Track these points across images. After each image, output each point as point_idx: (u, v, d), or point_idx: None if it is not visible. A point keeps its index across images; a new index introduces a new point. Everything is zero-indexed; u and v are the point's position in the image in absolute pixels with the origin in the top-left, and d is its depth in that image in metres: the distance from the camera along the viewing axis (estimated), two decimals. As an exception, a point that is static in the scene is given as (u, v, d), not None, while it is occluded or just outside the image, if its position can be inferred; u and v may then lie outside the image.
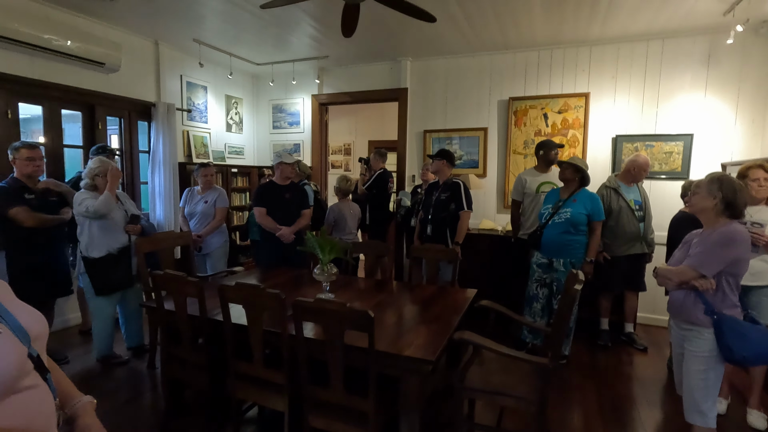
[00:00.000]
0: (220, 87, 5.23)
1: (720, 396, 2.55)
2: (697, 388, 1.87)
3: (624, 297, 3.67)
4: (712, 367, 1.84)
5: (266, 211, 3.41)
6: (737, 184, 1.85)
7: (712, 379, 1.86)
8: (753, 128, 3.75)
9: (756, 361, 1.76)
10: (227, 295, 1.98)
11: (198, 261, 3.81)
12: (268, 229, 3.41)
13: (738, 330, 1.76)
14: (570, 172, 3.11)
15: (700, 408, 1.86)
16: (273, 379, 1.98)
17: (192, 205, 3.80)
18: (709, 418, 1.86)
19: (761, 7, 3.02)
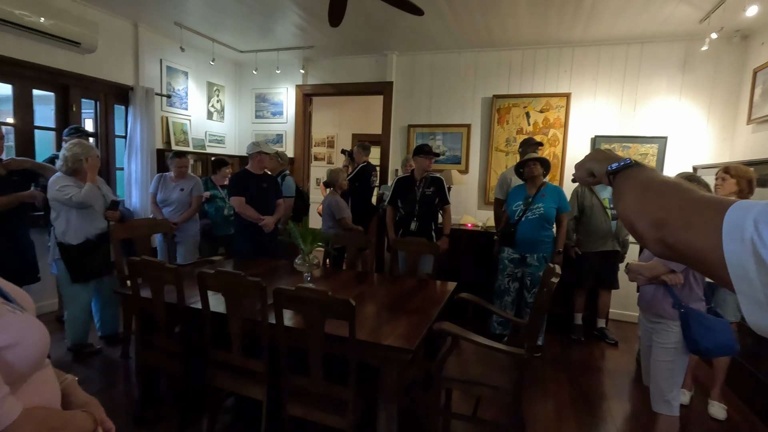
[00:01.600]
0: (202, 73, 5.11)
1: (684, 388, 2.67)
2: (664, 378, 1.95)
3: (598, 294, 3.79)
4: (678, 358, 1.92)
5: (245, 200, 3.37)
6: (703, 183, 1.93)
7: (678, 369, 1.94)
8: (723, 133, 3.90)
9: (717, 352, 1.85)
10: (207, 282, 1.95)
11: (162, 250, 3.73)
12: (249, 218, 3.36)
13: (703, 323, 1.84)
14: (538, 167, 3.21)
15: (666, 397, 1.95)
16: (252, 368, 1.97)
17: (166, 192, 3.71)
18: (673, 407, 1.94)
19: (735, 16, 3.14)
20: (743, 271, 0.40)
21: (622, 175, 0.67)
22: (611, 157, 0.72)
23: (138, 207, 4.23)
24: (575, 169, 0.83)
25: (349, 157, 5.09)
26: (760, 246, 0.38)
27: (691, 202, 0.49)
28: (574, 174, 0.85)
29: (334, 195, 4.12)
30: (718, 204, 0.44)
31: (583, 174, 0.80)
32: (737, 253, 0.40)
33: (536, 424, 2.45)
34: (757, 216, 0.39)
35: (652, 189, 0.58)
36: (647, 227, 0.54)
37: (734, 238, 0.41)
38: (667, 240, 0.51)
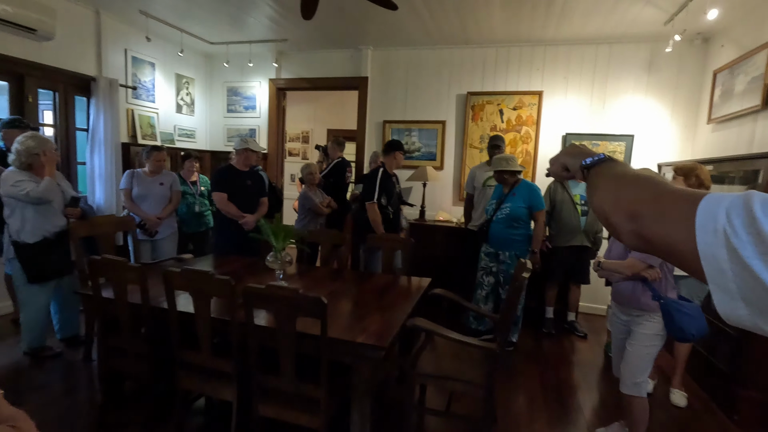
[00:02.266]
0: (170, 65, 4.93)
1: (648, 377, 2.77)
2: (638, 363, 2.03)
3: (568, 288, 3.88)
4: (657, 344, 2.01)
5: (227, 197, 3.29)
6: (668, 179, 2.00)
7: (652, 355, 2.04)
8: (686, 132, 4.06)
9: (699, 335, 1.94)
10: (173, 281, 1.88)
11: (145, 247, 3.59)
12: (231, 216, 3.29)
13: (683, 311, 1.93)
14: (509, 176, 3.24)
15: (636, 380, 2.04)
16: (221, 368, 1.92)
17: (143, 188, 3.53)
18: (642, 389, 2.04)
19: (697, 19, 3.26)
20: (716, 262, 0.40)
21: (596, 170, 0.68)
22: (585, 152, 0.73)
23: (102, 203, 4.05)
24: (550, 164, 0.84)
25: (323, 152, 5.04)
26: (732, 236, 0.39)
27: (664, 194, 0.50)
28: (548, 168, 0.86)
29: (305, 189, 4.10)
30: (691, 196, 0.45)
31: (558, 168, 0.81)
32: (710, 244, 0.41)
33: (508, 416, 2.49)
34: (728, 207, 0.40)
35: (626, 182, 0.59)
36: (621, 220, 0.55)
37: (707, 230, 0.41)
38: (642, 232, 0.51)
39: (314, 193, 4.21)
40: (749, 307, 0.39)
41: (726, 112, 3.40)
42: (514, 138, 4.45)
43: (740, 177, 2.85)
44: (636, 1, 3.25)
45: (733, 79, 3.32)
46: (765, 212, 0.38)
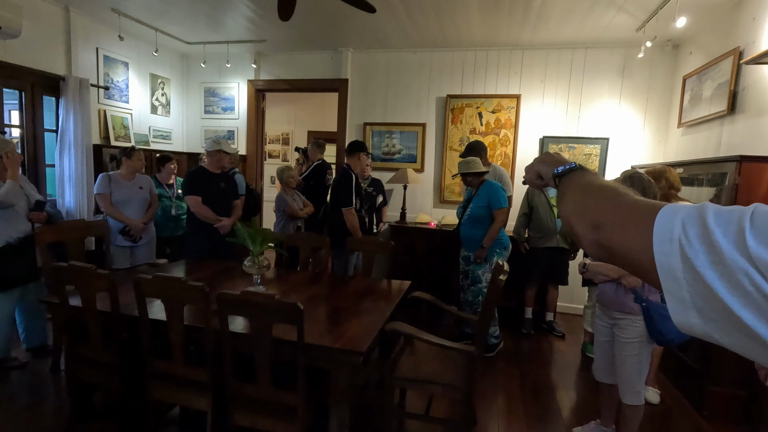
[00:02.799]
0: (144, 64, 4.81)
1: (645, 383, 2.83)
2: (632, 372, 2.03)
3: (547, 289, 3.95)
4: (643, 350, 2.02)
5: (201, 200, 3.21)
6: (646, 180, 2.03)
7: (644, 362, 2.04)
8: (658, 135, 4.18)
9: (679, 340, 1.95)
10: (144, 288, 1.83)
11: (123, 253, 3.46)
12: (205, 219, 3.21)
13: (665, 315, 1.93)
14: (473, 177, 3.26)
15: (636, 389, 2.04)
16: (195, 377, 1.87)
17: (122, 192, 3.41)
18: (641, 396, 2.06)
19: (666, 26, 3.36)
20: (671, 271, 0.41)
21: (566, 179, 0.70)
22: (558, 160, 0.75)
23: (72, 207, 3.91)
24: (525, 172, 0.86)
25: (303, 154, 4.99)
26: (686, 246, 0.40)
27: (625, 205, 0.51)
28: (524, 176, 0.87)
29: (282, 192, 4.05)
30: (649, 207, 0.46)
31: (532, 176, 0.83)
32: (666, 254, 0.42)
33: (487, 417, 2.50)
34: (684, 218, 0.41)
35: (591, 192, 0.60)
36: (585, 229, 0.56)
37: (663, 240, 0.42)
38: (603, 242, 0.52)
39: (290, 195, 4.15)
40: (701, 315, 0.40)
41: (695, 116, 3.51)
42: (493, 141, 4.50)
43: (709, 179, 2.94)
44: (609, 7, 3.32)
45: (701, 85, 3.44)
46: (718, 223, 0.38)
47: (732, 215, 0.38)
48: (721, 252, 0.37)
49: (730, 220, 0.38)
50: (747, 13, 2.95)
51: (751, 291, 0.36)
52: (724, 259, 0.37)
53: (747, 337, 0.37)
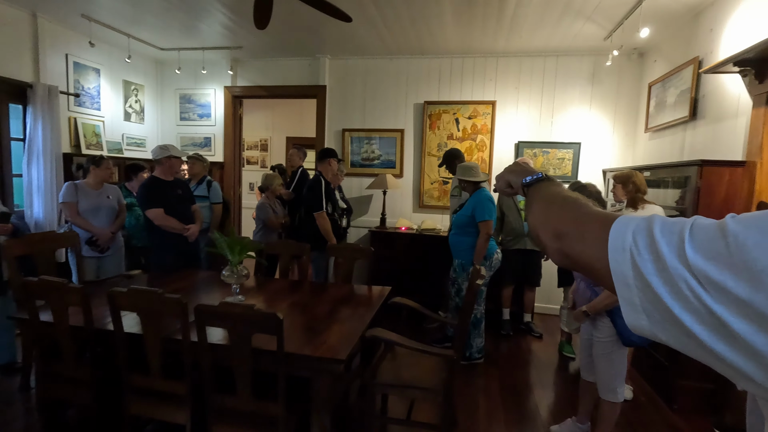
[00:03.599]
0: (117, 71, 4.71)
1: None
2: (606, 369, 2.12)
3: (523, 291, 4.04)
4: (615, 350, 2.09)
5: (164, 211, 3.14)
6: (595, 191, 2.12)
7: (617, 360, 2.11)
8: (626, 140, 4.34)
9: (641, 341, 2.04)
10: (119, 302, 1.79)
11: (90, 265, 3.37)
12: (173, 230, 3.15)
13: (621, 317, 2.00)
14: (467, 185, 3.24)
15: (611, 386, 2.12)
16: (173, 391, 1.84)
17: (89, 201, 3.32)
18: (618, 394, 2.13)
19: (632, 36, 3.50)
20: (623, 278, 0.44)
21: (533, 189, 0.73)
22: (526, 170, 0.78)
23: (41, 218, 3.78)
24: (496, 180, 0.90)
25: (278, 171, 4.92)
26: (636, 255, 0.43)
27: (585, 216, 0.55)
28: (494, 184, 0.91)
29: (264, 199, 4.02)
30: (605, 219, 0.50)
31: (503, 185, 0.87)
32: (619, 262, 0.45)
33: (468, 419, 2.54)
34: (635, 229, 0.44)
35: (555, 203, 0.63)
36: (548, 238, 0.59)
37: (617, 249, 0.45)
38: (564, 250, 0.56)
39: (272, 203, 4.12)
40: (649, 317, 0.43)
41: (660, 122, 3.66)
42: (470, 146, 4.58)
43: (674, 182, 3.08)
44: (578, 17, 3.45)
45: (665, 92, 3.60)
46: (663, 234, 0.42)
47: (675, 227, 0.42)
48: (664, 260, 0.41)
49: (673, 231, 0.42)
50: (705, 25, 3.11)
51: (689, 296, 0.39)
52: (667, 267, 0.41)
53: (686, 336, 0.41)
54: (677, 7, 3.15)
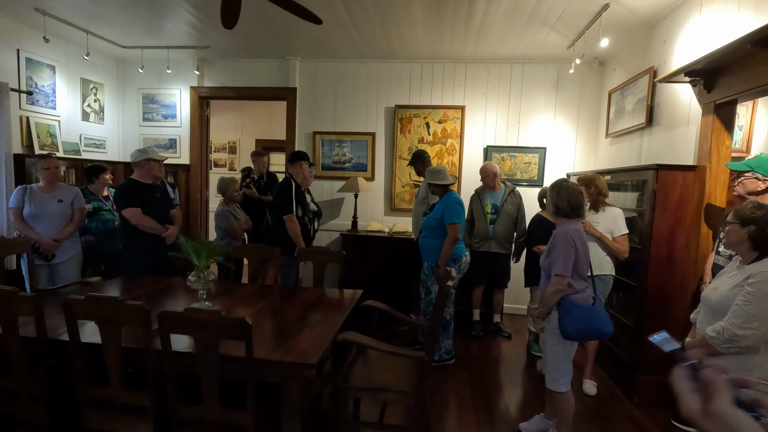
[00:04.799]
0: (74, 68, 4.49)
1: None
2: (550, 359, 2.22)
3: (492, 292, 4.12)
4: (560, 342, 2.18)
5: (141, 211, 3.05)
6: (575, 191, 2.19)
7: (561, 352, 2.19)
8: (588, 145, 4.52)
9: (578, 336, 2.13)
10: (75, 310, 1.70)
11: (42, 272, 3.19)
12: (150, 230, 3.05)
13: (569, 310, 2.12)
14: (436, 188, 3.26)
15: (554, 376, 2.21)
16: (135, 402, 1.76)
17: (38, 205, 3.15)
18: (560, 384, 2.21)
19: (593, 45, 3.66)
20: None
21: None
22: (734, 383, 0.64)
23: (-11, 223, 3.55)
24: None
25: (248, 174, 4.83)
26: None
27: None
28: None
29: (222, 205, 3.87)
30: None
31: None
32: None
33: (440, 420, 2.56)
34: None
35: None
36: None
37: None
38: None
39: (232, 209, 3.96)
40: None
41: (620, 128, 3.84)
42: (440, 150, 4.65)
43: (632, 185, 3.23)
44: (542, 26, 3.57)
45: (624, 100, 3.77)
46: None
47: None
48: None
49: None
50: (659, 37, 3.29)
51: None
52: None
53: None
54: (634, 19, 3.32)
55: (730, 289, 1.63)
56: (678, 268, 2.78)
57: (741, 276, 1.62)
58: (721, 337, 1.58)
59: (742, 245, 1.65)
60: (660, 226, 2.78)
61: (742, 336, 1.53)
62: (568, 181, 2.26)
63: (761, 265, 1.58)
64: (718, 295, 1.67)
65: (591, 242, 2.83)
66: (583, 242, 2.17)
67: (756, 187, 2.12)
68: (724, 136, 2.59)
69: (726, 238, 1.76)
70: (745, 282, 1.57)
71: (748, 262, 1.64)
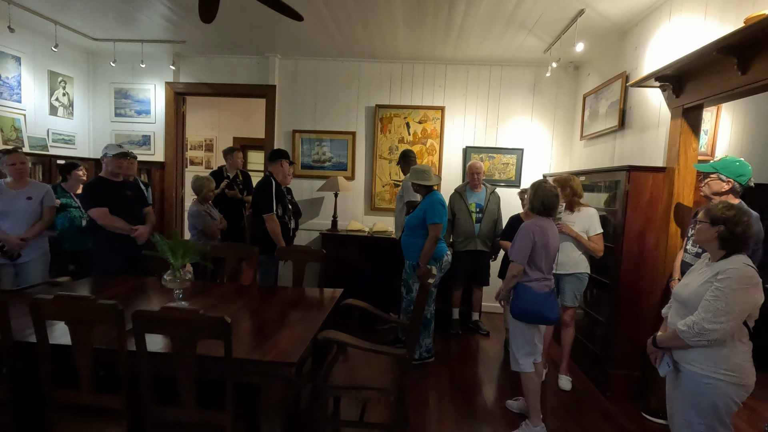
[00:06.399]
0: (41, 60, 4.31)
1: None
2: (512, 340, 2.44)
3: (472, 290, 4.17)
4: (518, 324, 2.39)
5: (108, 211, 2.94)
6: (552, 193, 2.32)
7: (519, 335, 2.40)
8: (564, 147, 4.63)
9: (522, 316, 2.35)
10: (43, 311, 1.63)
11: (7, 272, 3.04)
12: (119, 230, 2.95)
13: (519, 292, 2.36)
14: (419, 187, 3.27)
15: (515, 357, 2.42)
16: (108, 405, 1.70)
17: (5, 202, 2.99)
18: (521, 365, 2.40)
19: (568, 50, 3.76)
20: None
21: None
22: None
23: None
24: None
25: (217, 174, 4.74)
26: None
27: None
28: None
29: (197, 204, 3.76)
30: None
31: None
32: None
33: (420, 418, 2.58)
34: None
35: None
36: None
37: None
38: None
39: (207, 208, 3.86)
40: None
41: (594, 130, 3.95)
42: (420, 150, 4.68)
43: (606, 186, 3.33)
44: (520, 30, 3.64)
45: (598, 103, 3.89)
46: None
47: None
48: None
49: None
50: (631, 43, 3.40)
51: None
52: None
53: None
54: (607, 25, 3.42)
55: (700, 285, 1.70)
56: (648, 266, 2.88)
57: (710, 272, 1.69)
58: (691, 331, 1.64)
59: (711, 243, 1.72)
60: (632, 225, 2.87)
61: (711, 330, 1.59)
62: (546, 183, 2.39)
63: (729, 262, 1.65)
64: (689, 291, 1.74)
65: (568, 242, 2.91)
66: (543, 237, 2.32)
67: (720, 187, 2.22)
68: (692, 139, 2.70)
69: (696, 236, 1.84)
70: (714, 278, 1.64)
71: (717, 259, 1.71)
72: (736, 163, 2.22)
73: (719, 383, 1.63)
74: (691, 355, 1.70)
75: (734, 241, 1.65)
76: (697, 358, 1.68)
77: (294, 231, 3.67)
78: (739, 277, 1.59)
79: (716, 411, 1.65)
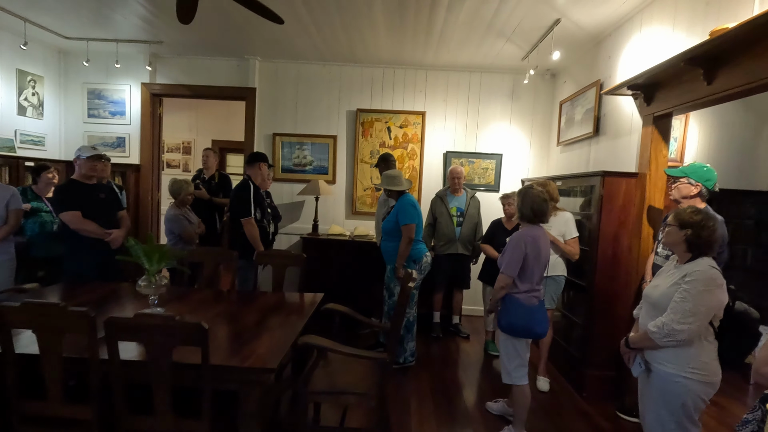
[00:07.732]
0: (9, 59, 4.15)
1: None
2: (503, 353, 2.39)
3: (452, 294, 4.20)
4: (508, 337, 2.35)
5: (81, 214, 2.85)
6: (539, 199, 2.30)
7: (511, 347, 2.35)
8: (541, 152, 4.74)
9: (510, 330, 2.32)
10: (9, 318, 1.57)
11: None
12: (92, 235, 2.85)
13: (507, 306, 2.32)
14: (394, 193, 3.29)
15: (507, 369, 2.37)
16: (77, 416, 1.64)
17: None
18: (513, 377, 2.35)
19: (545, 58, 3.85)
20: None
21: None
22: None
23: None
24: None
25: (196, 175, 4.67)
26: None
27: None
28: None
29: (174, 208, 3.69)
30: None
31: None
32: None
33: (401, 422, 2.57)
34: None
35: None
36: None
37: None
38: None
39: (185, 212, 3.78)
40: None
41: (570, 136, 4.06)
42: (401, 154, 4.70)
43: (581, 191, 3.42)
44: (499, 38, 3.71)
45: (574, 110, 3.99)
46: None
47: None
48: None
49: None
50: (605, 52, 3.52)
51: None
52: None
53: None
54: (582, 35, 3.53)
55: (669, 287, 1.76)
56: (622, 268, 2.97)
57: (678, 275, 1.75)
58: (661, 331, 1.70)
59: (679, 246, 1.79)
60: (606, 229, 2.95)
61: (680, 330, 1.65)
62: (534, 189, 2.35)
63: (695, 264, 1.72)
64: (659, 293, 1.80)
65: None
66: (535, 248, 2.28)
67: (689, 191, 2.31)
68: (662, 146, 2.80)
69: (665, 238, 1.90)
70: (682, 280, 1.71)
71: (684, 261, 1.78)
72: (704, 168, 2.31)
73: (688, 382, 1.69)
74: (662, 355, 1.76)
75: (700, 244, 1.72)
76: (668, 358, 1.74)
77: (273, 235, 3.62)
78: (704, 279, 1.66)
79: (685, 408, 1.71)
